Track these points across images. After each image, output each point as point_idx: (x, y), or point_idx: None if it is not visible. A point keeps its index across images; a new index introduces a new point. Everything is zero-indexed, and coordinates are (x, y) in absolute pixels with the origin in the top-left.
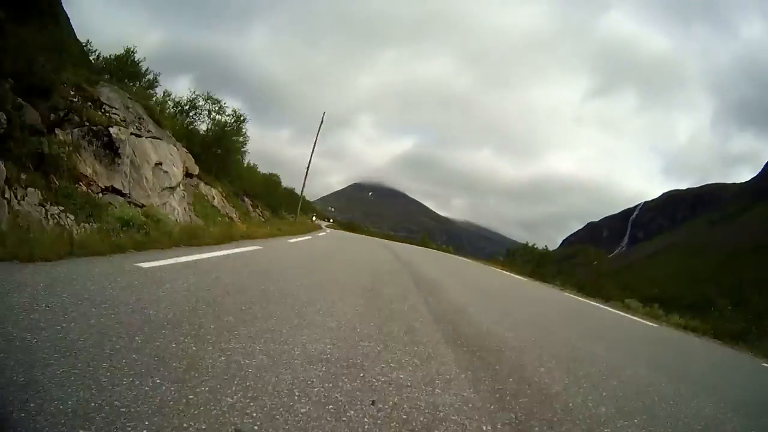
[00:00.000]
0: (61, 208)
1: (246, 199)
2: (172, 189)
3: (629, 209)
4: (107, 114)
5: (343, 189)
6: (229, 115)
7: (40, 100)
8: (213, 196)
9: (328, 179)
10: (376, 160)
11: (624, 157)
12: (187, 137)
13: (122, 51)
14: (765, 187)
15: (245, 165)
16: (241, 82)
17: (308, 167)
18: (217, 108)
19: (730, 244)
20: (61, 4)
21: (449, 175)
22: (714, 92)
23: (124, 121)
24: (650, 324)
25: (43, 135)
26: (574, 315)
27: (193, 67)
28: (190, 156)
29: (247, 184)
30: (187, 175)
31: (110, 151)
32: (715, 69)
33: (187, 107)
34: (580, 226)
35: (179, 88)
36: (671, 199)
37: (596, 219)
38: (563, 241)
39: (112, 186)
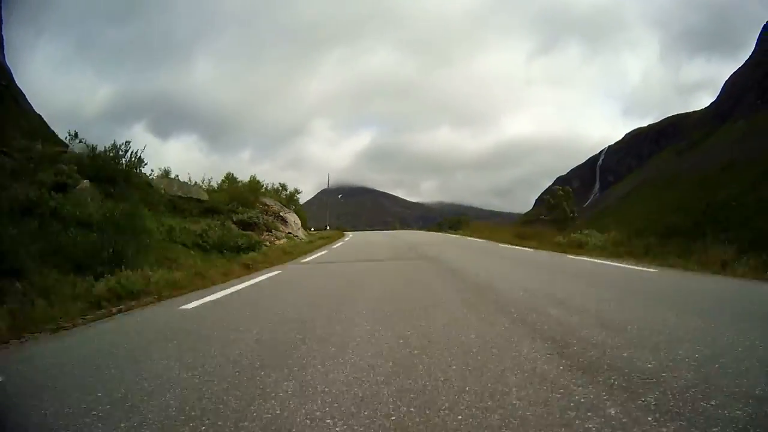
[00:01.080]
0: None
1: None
2: (298, 228)
3: (594, 156)
4: (272, 207)
5: (312, 198)
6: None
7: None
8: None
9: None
10: (340, 161)
11: (581, 108)
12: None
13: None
14: (724, 110)
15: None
16: (194, 116)
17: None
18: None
19: (699, 170)
20: (13, 80)
21: (413, 160)
22: (657, 27)
23: (278, 206)
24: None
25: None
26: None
27: (147, 111)
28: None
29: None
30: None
31: (282, 219)
32: (653, 3)
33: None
34: (550, 183)
35: (135, 132)
36: (635, 138)
37: (564, 173)
38: (536, 200)
39: (287, 231)
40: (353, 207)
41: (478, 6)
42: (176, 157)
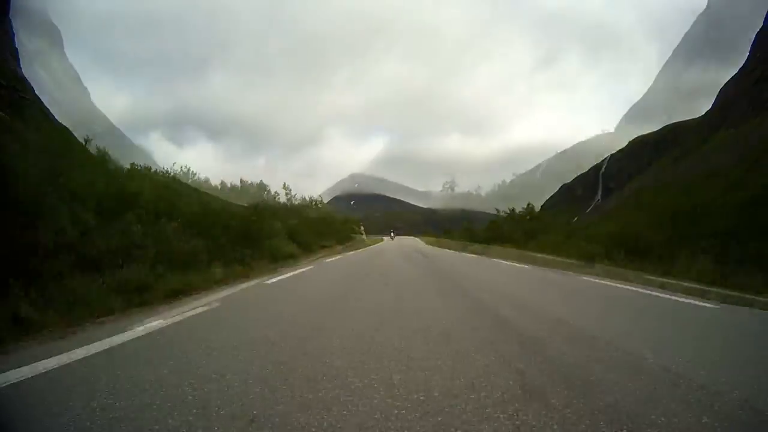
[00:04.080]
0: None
1: None
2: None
3: (598, 165)
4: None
5: (326, 202)
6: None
7: None
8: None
9: (315, 190)
10: (353, 167)
11: (586, 115)
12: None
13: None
14: (717, 118)
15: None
16: (211, 125)
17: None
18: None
19: (687, 177)
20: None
21: (425, 166)
22: (655, 36)
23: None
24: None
25: None
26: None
27: (163, 121)
28: None
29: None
30: None
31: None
32: (648, 15)
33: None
34: (556, 189)
35: (152, 140)
36: (636, 145)
37: (568, 180)
38: (541, 207)
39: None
40: (364, 213)
41: (480, 19)
42: (193, 163)
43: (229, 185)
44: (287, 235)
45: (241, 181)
